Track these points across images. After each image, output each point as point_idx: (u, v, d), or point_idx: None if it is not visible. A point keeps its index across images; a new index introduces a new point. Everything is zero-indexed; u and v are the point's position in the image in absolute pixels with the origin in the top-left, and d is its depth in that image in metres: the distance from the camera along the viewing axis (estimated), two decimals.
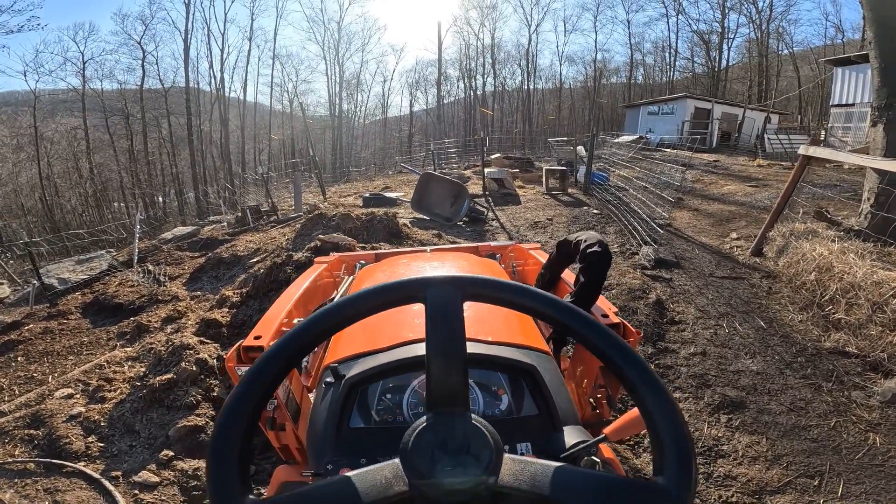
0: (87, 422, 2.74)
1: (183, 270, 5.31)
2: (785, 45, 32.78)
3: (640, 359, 0.55)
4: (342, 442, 0.82)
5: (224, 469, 0.49)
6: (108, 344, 3.86)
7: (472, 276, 0.59)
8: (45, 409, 2.85)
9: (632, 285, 4.05)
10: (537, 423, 0.85)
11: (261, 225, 7.61)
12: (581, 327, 0.57)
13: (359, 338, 1.06)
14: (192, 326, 3.28)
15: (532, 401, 0.89)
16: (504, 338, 1.01)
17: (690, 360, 3.21)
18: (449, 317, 0.55)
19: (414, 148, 33.29)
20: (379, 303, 0.58)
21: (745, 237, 5.73)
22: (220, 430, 0.50)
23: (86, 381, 3.27)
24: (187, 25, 30.08)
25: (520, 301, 0.59)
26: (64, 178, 26.94)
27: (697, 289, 4.33)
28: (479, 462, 0.47)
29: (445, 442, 0.48)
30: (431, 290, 0.56)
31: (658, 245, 4.95)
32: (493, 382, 0.91)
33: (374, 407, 0.88)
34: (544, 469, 0.50)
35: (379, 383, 0.90)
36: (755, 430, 2.51)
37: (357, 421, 0.86)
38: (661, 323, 3.67)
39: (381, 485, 0.48)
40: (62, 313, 4.58)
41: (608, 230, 5.96)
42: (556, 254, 1.48)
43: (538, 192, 9.37)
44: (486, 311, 1.12)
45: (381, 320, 1.06)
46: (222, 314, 3.18)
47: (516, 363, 0.91)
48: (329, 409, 0.86)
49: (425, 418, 0.51)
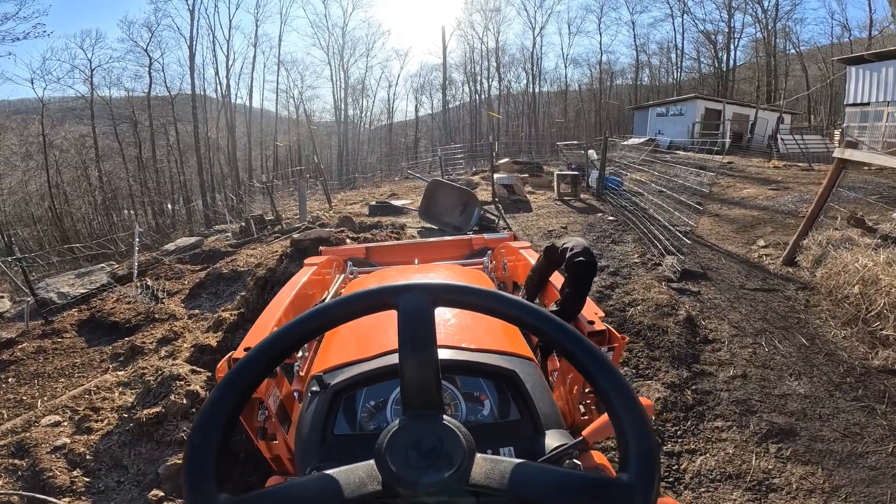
0: (72, 454, 2.55)
1: (182, 286, 5.11)
2: (791, 45, 32.38)
3: (604, 357, 0.56)
4: (327, 448, 0.83)
5: (199, 468, 0.49)
6: (100, 366, 3.65)
7: (443, 283, 0.60)
8: (31, 437, 2.68)
9: (658, 301, 3.76)
10: (520, 428, 0.86)
11: (264, 236, 7.42)
12: (548, 328, 0.58)
13: (345, 347, 1.09)
14: (187, 350, 3.06)
15: (514, 406, 0.90)
16: (486, 345, 1.02)
17: (731, 384, 2.96)
18: (420, 322, 0.56)
19: (420, 153, 33.18)
20: (353, 310, 0.60)
21: (774, 245, 5.41)
22: (196, 431, 0.52)
23: (74, 407, 3.09)
24: (192, 32, 30.26)
25: (489, 305, 0.60)
26: (73, 187, 27.10)
27: (729, 302, 4.03)
28: (451, 462, 0.48)
29: (419, 442, 0.49)
30: (403, 296, 0.57)
31: (682, 255, 4.65)
32: (476, 388, 0.92)
33: (358, 414, 0.90)
34: (514, 467, 0.50)
35: (363, 391, 0.92)
36: (809, 460, 2.33)
37: (343, 428, 0.88)
38: (693, 342, 3.39)
39: (356, 483, 0.49)
40: (57, 331, 4.39)
41: (626, 238, 5.67)
42: (543, 259, 1.48)
43: (549, 198, 9.09)
44: (469, 320, 1.15)
45: (367, 330, 1.13)
46: (217, 338, 2.95)
47: (498, 369, 0.93)
48: (314, 416, 0.88)
49: (399, 420, 0.52)
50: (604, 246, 5.34)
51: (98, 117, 27.67)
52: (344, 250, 2.68)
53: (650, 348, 3.24)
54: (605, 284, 4.16)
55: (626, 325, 3.49)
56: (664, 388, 2.89)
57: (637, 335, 3.36)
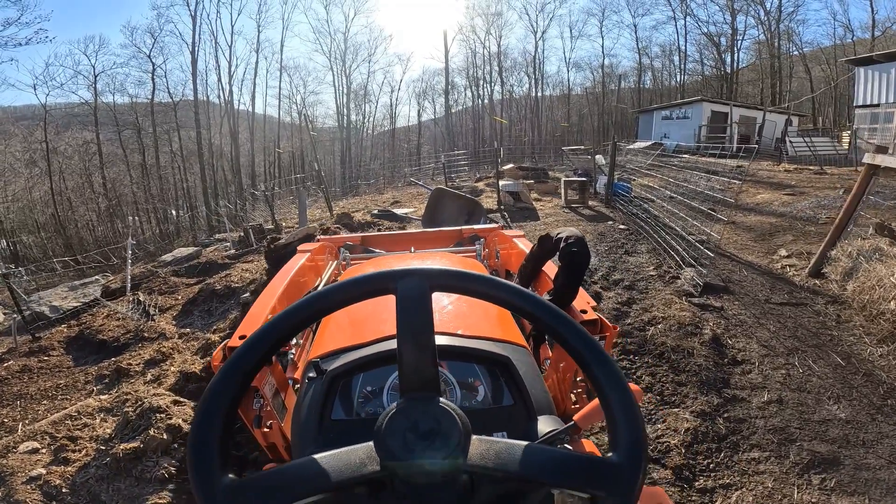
0: (48, 486, 2.37)
1: (176, 301, 4.90)
2: (794, 46, 32.13)
3: (592, 339, 0.57)
4: (325, 433, 0.84)
5: (204, 451, 0.50)
6: (84, 388, 3.45)
7: (440, 268, 0.61)
8: (7, 464, 2.53)
9: (681, 319, 3.51)
10: (512, 413, 0.88)
11: (262, 247, 7.18)
12: (540, 313, 0.59)
13: (342, 334, 1.10)
14: (173, 375, 2.84)
15: (507, 391, 0.91)
16: (480, 332, 1.04)
17: (766, 410, 2.74)
18: (418, 306, 0.57)
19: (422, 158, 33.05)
20: (351, 295, 0.60)
21: (797, 254, 5.15)
22: (200, 416, 0.52)
23: (53, 434, 2.90)
24: (194, 38, 30.25)
25: (486, 291, 0.61)
26: (77, 193, 27.12)
27: (755, 319, 3.77)
28: (448, 443, 0.49)
29: (417, 424, 0.50)
30: (401, 281, 0.58)
31: (702, 267, 4.39)
32: (470, 374, 0.93)
33: (355, 399, 0.90)
34: (508, 447, 0.52)
35: (360, 376, 0.92)
36: (855, 491, 2.18)
37: (339, 413, 0.88)
38: (722, 364, 3.14)
39: (355, 464, 0.50)
40: (44, 349, 4.20)
41: (640, 249, 5.41)
42: (537, 248, 1.49)
43: (556, 205, 8.85)
44: (465, 308, 1.17)
45: (364, 317, 1.14)
46: (204, 363, 2.73)
47: (491, 355, 0.94)
48: (311, 402, 0.89)
49: (397, 403, 0.53)
50: (617, 257, 5.09)
51: (101, 123, 27.70)
52: (339, 238, 2.68)
53: (675, 372, 2.99)
54: (621, 300, 3.91)
55: (647, 346, 3.24)
56: (693, 416, 2.66)
57: (660, 358, 3.11)
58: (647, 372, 3.02)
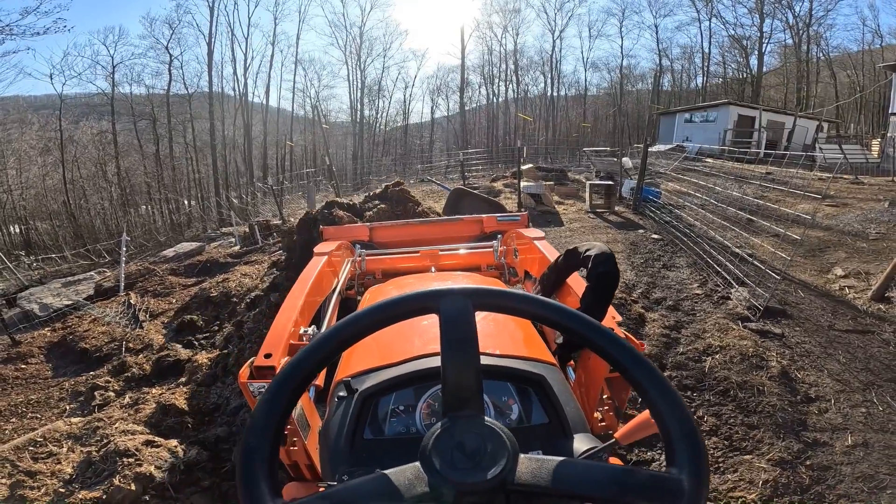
0: None
1: (169, 304, 4.51)
2: (821, 51, 31.06)
3: (645, 359, 0.56)
4: (357, 453, 0.84)
5: (253, 473, 0.49)
6: (57, 406, 3.07)
7: (484, 287, 0.61)
8: None
9: (741, 348, 3.03)
10: (548, 432, 0.88)
11: (268, 245, 6.78)
12: (587, 332, 0.58)
13: (371, 353, 1.09)
14: (152, 403, 2.42)
15: (542, 410, 0.92)
16: (512, 351, 1.05)
17: (851, 455, 2.33)
18: (462, 325, 0.56)
19: (434, 155, 32.57)
20: (395, 313, 0.59)
21: (854, 274, 4.61)
22: (249, 435, 0.51)
23: (15, 461, 2.51)
24: (211, 29, 30.04)
25: (527, 309, 0.61)
26: (90, 182, 27.16)
27: (822, 348, 3.27)
28: (495, 462, 0.48)
29: (463, 444, 0.50)
30: (445, 300, 0.58)
31: (760, 288, 3.89)
32: (504, 393, 0.94)
33: (386, 419, 0.90)
34: (562, 464, 0.50)
35: (391, 396, 0.93)
36: None
37: (370, 433, 0.89)
38: (795, 402, 2.66)
39: (405, 485, 0.49)
40: (22, 356, 3.83)
41: (679, 262, 4.90)
42: (563, 260, 1.48)
43: (580, 209, 8.33)
44: (495, 326, 1.18)
45: (393, 336, 1.13)
46: (186, 393, 2.30)
47: (525, 373, 0.96)
48: (343, 421, 0.89)
49: (442, 423, 0.52)
50: (654, 271, 4.58)
51: (118, 114, 27.69)
52: (348, 230, 2.61)
53: (744, 413, 2.53)
54: (668, 323, 3.42)
55: (706, 380, 2.77)
56: (771, 466, 2.23)
57: (724, 395, 2.64)
58: (710, 412, 2.56)
